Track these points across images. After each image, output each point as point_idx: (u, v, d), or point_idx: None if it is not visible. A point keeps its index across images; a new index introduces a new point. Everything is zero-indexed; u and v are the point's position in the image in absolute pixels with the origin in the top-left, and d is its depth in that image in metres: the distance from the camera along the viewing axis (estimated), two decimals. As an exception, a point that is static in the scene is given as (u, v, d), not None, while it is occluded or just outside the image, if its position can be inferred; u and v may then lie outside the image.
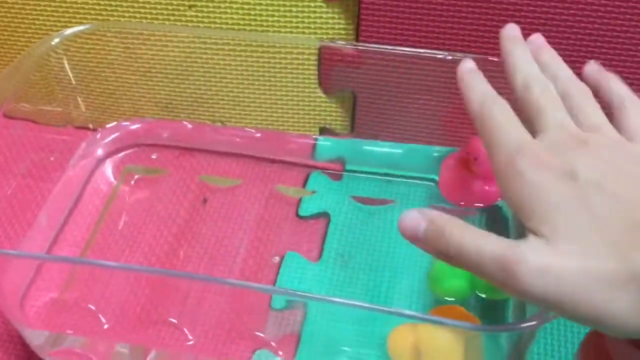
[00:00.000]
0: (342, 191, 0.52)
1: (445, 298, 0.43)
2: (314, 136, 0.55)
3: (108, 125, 0.55)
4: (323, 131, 0.55)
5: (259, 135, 0.55)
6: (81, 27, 0.49)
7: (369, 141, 0.54)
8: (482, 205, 0.48)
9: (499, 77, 0.47)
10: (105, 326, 0.43)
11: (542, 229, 0.25)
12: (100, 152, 0.54)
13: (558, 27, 0.45)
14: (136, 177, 0.53)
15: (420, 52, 0.47)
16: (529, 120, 0.30)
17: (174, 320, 0.43)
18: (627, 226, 0.24)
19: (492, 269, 0.25)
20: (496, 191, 0.47)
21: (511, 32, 0.36)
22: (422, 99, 0.51)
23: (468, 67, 0.36)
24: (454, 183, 0.48)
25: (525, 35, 0.36)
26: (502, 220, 0.50)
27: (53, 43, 0.48)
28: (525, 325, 0.29)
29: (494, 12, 0.45)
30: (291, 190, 0.52)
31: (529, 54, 0.34)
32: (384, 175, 0.53)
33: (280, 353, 0.42)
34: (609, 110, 0.30)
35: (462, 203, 0.48)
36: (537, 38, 0.36)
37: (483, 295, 0.43)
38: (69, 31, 0.48)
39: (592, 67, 0.33)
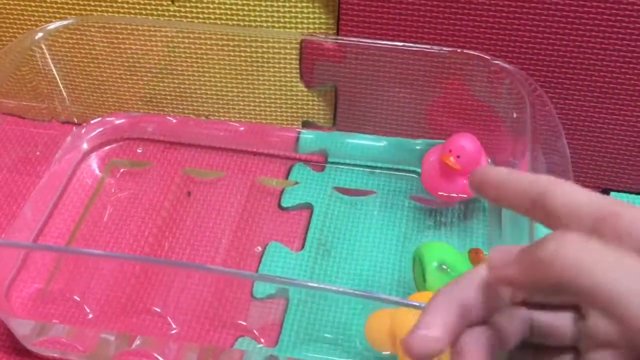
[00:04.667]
0: (325, 182, 0.53)
1: None
2: (297, 129, 0.55)
3: (93, 120, 0.56)
4: (306, 124, 0.55)
5: (242, 128, 0.56)
6: (65, 22, 0.50)
7: (352, 134, 0.55)
8: (462, 197, 0.49)
9: (479, 72, 0.48)
10: (90, 316, 0.44)
11: None
12: (85, 146, 0.55)
13: (536, 18, 0.46)
14: (121, 170, 0.54)
15: (400, 46, 0.48)
16: None
17: (158, 310, 0.44)
18: None
19: None
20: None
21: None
22: (404, 92, 0.51)
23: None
24: (436, 177, 0.49)
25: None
26: (480, 212, 0.51)
27: (36, 37, 0.49)
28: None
29: (473, 4, 0.46)
30: (274, 181, 0.53)
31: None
32: (366, 167, 0.54)
33: (262, 340, 0.43)
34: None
35: (443, 195, 0.49)
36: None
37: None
38: (52, 25, 0.49)
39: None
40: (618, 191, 0.53)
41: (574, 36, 0.46)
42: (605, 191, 0.53)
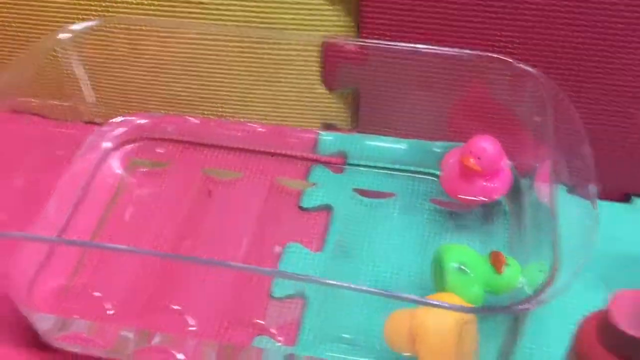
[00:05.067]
0: (344, 184, 0.53)
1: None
2: (316, 131, 0.55)
3: (115, 120, 0.56)
4: (325, 126, 0.56)
5: (262, 129, 0.56)
6: (88, 23, 0.50)
7: (372, 136, 0.55)
8: (482, 200, 0.48)
9: (501, 75, 0.48)
10: (111, 312, 0.44)
11: None
12: (107, 145, 0.55)
13: (562, 18, 0.46)
14: (142, 170, 0.54)
15: (421, 48, 0.48)
16: None
17: (177, 307, 0.44)
18: None
19: None
20: (496, 187, 0.48)
21: None
22: (424, 94, 0.51)
23: None
24: (456, 179, 0.48)
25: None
26: (501, 216, 0.50)
27: (61, 38, 0.49)
28: (516, 307, 0.29)
29: (495, 7, 0.46)
30: (293, 182, 0.53)
31: None
32: (386, 169, 0.54)
33: (280, 339, 0.43)
34: None
35: (463, 197, 0.48)
36: None
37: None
38: (76, 26, 0.50)
39: None
40: (641, 196, 0.52)
41: (597, 39, 0.45)
42: (628, 196, 0.52)
